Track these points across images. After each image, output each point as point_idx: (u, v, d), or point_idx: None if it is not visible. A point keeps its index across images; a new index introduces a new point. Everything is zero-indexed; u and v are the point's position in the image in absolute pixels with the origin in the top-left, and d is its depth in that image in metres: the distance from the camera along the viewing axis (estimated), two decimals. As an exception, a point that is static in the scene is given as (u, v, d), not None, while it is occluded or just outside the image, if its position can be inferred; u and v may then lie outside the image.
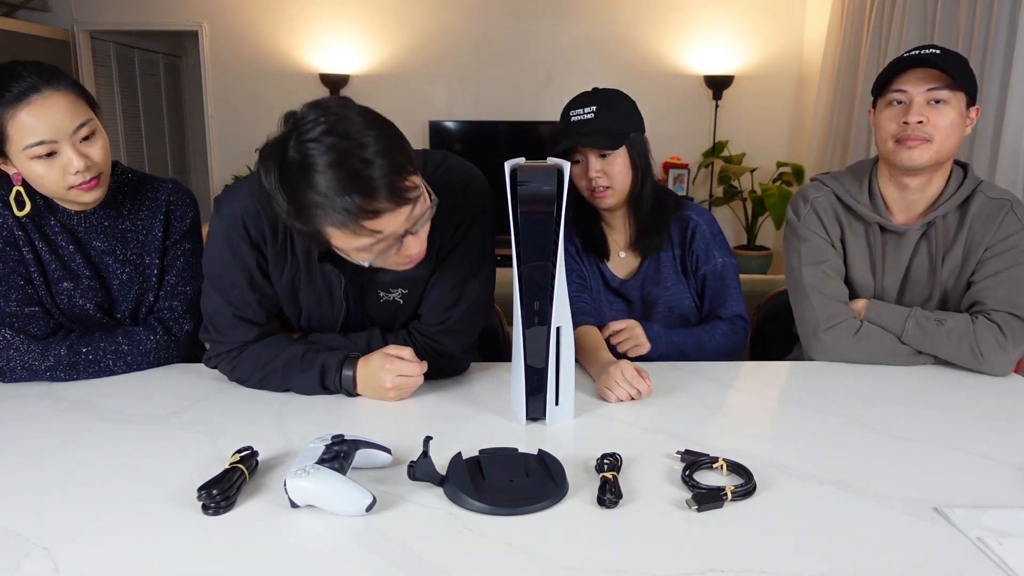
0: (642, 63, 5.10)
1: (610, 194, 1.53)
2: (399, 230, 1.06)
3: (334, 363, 1.26)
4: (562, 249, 1.12)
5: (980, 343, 1.39)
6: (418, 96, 5.22)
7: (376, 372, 1.24)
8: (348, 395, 1.27)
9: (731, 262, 1.61)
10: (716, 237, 1.61)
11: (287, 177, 1.01)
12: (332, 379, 1.25)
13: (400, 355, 1.24)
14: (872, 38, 3.91)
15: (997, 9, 2.97)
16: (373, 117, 1.05)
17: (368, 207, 1.00)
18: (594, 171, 1.50)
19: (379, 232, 1.04)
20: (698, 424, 1.19)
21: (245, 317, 1.28)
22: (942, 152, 1.41)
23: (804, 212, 1.56)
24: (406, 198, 1.03)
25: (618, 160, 1.51)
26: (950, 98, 1.38)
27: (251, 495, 0.94)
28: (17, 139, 1.22)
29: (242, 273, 1.26)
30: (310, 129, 1.00)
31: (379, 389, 1.24)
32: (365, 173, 0.99)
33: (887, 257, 1.51)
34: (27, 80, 1.21)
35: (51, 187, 1.27)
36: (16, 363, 1.32)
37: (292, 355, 1.27)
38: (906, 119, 1.40)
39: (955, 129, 1.40)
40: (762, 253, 4.99)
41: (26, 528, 0.86)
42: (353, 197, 0.99)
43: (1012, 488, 0.98)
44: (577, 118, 1.50)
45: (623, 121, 1.51)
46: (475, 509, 0.90)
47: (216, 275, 1.28)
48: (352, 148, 0.99)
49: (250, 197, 1.21)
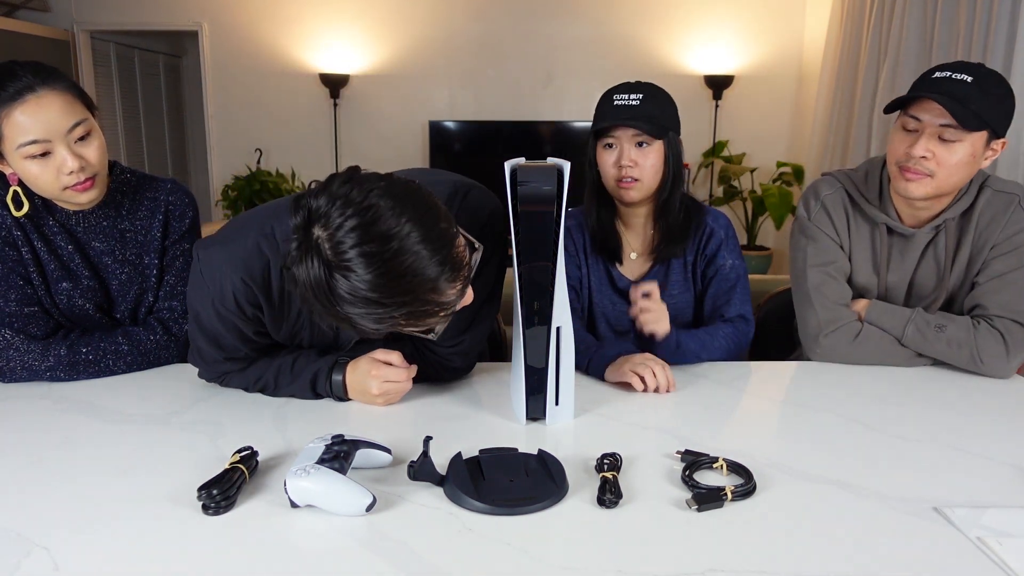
0: (642, 63, 5.10)
1: (636, 187, 1.48)
2: (457, 298, 1.00)
3: (324, 368, 1.25)
4: (562, 249, 1.11)
5: (981, 350, 1.38)
6: (418, 96, 5.22)
7: (363, 378, 1.22)
8: (339, 400, 1.26)
9: (740, 265, 1.57)
10: (729, 240, 1.57)
11: (335, 293, 0.91)
12: (323, 385, 1.25)
13: (388, 359, 1.23)
14: (872, 38, 3.91)
15: (997, 9, 2.96)
16: (401, 195, 0.93)
17: (434, 299, 0.94)
18: (627, 159, 1.45)
19: (446, 305, 0.97)
20: (698, 424, 1.19)
21: (235, 358, 1.25)
22: (943, 187, 1.36)
23: (815, 210, 1.53)
24: (461, 272, 0.96)
25: (653, 154, 1.46)
26: (964, 136, 1.31)
27: (251, 495, 0.94)
28: (12, 138, 1.22)
29: (232, 334, 1.19)
30: (342, 239, 0.89)
31: (367, 395, 1.23)
32: (419, 272, 0.91)
33: (892, 259, 1.50)
34: (23, 80, 1.21)
35: (46, 187, 1.27)
36: (16, 363, 1.32)
37: (283, 363, 1.26)
38: (912, 149, 1.35)
39: (962, 168, 1.34)
40: (762, 253, 4.99)
41: (26, 528, 0.86)
42: (417, 297, 0.92)
43: (1012, 488, 0.98)
44: (621, 102, 1.45)
45: (667, 117, 1.48)
46: (475, 509, 0.90)
47: (205, 326, 1.19)
48: (396, 254, 0.89)
49: (236, 273, 1.11)
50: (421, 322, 0.98)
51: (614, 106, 1.46)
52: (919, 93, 1.34)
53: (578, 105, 5.24)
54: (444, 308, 0.97)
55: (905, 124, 1.38)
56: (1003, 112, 1.33)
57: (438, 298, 0.94)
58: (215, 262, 1.13)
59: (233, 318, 1.16)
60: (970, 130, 1.30)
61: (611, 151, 1.48)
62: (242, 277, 1.12)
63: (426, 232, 0.91)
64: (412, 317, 0.95)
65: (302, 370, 1.25)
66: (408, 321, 0.96)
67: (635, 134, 1.45)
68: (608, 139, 1.48)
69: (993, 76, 1.33)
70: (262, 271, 1.12)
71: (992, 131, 1.33)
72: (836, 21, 4.38)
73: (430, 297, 0.93)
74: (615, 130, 1.46)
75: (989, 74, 1.33)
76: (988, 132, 1.33)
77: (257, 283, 1.13)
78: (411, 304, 0.92)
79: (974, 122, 1.29)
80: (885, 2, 3.82)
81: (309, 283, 0.92)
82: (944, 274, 1.46)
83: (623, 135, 1.46)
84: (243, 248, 1.12)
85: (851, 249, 1.53)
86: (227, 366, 1.27)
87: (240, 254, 1.11)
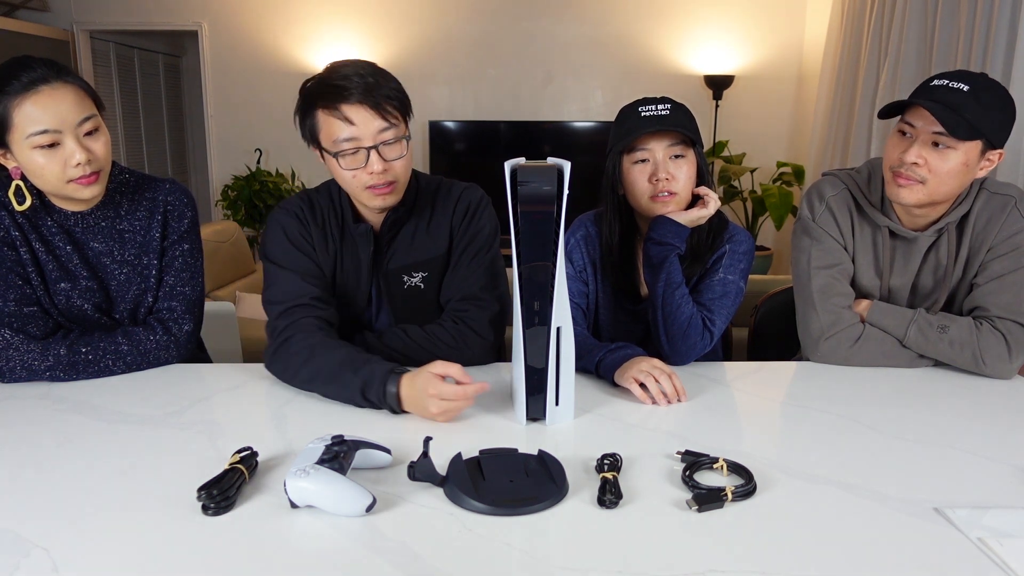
0: (642, 63, 5.10)
1: (674, 201, 1.42)
2: (368, 138, 1.26)
3: (379, 374, 1.20)
4: (562, 249, 1.11)
5: (983, 352, 1.38)
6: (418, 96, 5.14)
7: (421, 396, 1.16)
8: (393, 412, 1.20)
9: (735, 283, 1.48)
10: (736, 256, 1.49)
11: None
12: (376, 393, 1.19)
13: (448, 372, 1.16)
14: (872, 38, 3.91)
15: (997, 9, 2.96)
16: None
17: (344, 96, 1.25)
18: (664, 171, 1.40)
19: (351, 123, 1.25)
20: (698, 424, 1.19)
21: (309, 280, 1.36)
22: (936, 195, 1.36)
23: (820, 211, 1.52)
24: (380, 111, 1.26)
25: (686, 166, 1.42)
26: (957, 145, 1.31)
27: (251, 495, 0.94)
28: (22, 127, 1.23)
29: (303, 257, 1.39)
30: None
31: (426, 412, 1.17)
32: (350, 77, 1.26)
33: (896, 262, 1.50)
34: (37, 71, 1.23)
35: (50, 179, 1.27)
36: (16, 363, 1.32)
37: (341, 358, 1.23)
38: (904, 155, 1.35)
39: (954, 176, 1.33)
40: (762, 253, 4.98)
41: (26, 528, 0.86)
42: (334, 88, 1.26)
43: (1012, 488, 0.98)
44: (649, 113, 1.41)
45: (694, 129, 1.43)
46: (475, 509, 0.90)
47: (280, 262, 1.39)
48: (345, 64, 1.28)
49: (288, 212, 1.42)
50: (337, 136, 1.27)
51: (643, 118, 1.41)
52: (913, 100, 1.34)
53: (578, 105, 5.23)
54: (353, 132, 1.26)
55: (902, 129, 1.38)
56: (998, 123, 1.32)
57: (346, 103, 1.25)
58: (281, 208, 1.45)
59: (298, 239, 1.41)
60: (961, 139, 1.30)
61: (644, 166, 1.43)
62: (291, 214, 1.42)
63: (372, 72, 1.28)
64: (327, 114, 1.27)
65: (357, 370, 1.21)
66: (327, 115, 1.27)
67: (670, 144, 1.41)
68: (640, 153, 1.42)
69: (992, 87, 1.32)
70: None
71: (987, 141, 1.32)
72: (836, 21, 4.38)
73: (344, 99, 1.25)
74: (648, 142, 1.41)
75: (988, 85, 1.32)
76: (983, 142, 1.33)
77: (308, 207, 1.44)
78: (333, 99, 1.26)
79: (965, 131, 1.29)
80: (885, 2, 3.82)
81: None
82: (946, 277, 1.47)
83: (657, 147, 1.41)
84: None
85: (855, 251, 1.52)
86: (301, 288, 1.35)
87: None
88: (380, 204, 1.34)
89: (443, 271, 1.45)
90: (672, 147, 1.42)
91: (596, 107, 5.21)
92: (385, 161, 1.29)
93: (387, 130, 1.28)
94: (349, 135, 1.26)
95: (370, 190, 1.31)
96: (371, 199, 1.32)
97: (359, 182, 1.30)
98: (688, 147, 1.43)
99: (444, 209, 1.44)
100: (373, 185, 1.30)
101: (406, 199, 1.40)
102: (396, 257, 1.43)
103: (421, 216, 1.43)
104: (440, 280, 1.45)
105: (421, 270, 1.43)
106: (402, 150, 1.31)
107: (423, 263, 1.43)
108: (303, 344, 1.28)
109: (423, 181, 1.46)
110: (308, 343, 1.28)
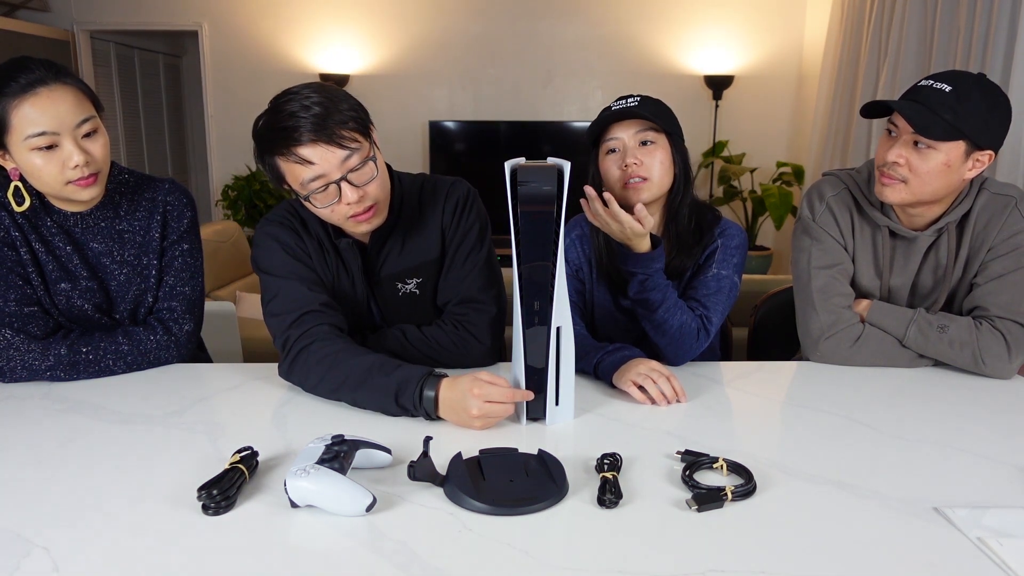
0: (642, 63, 5.10)
1: (646, 187, 1.41)
2: (334, 172, 1.20)
3: (414, 378, 1.16)
4: (562, 249, 1.11)
5: (983, 351, 1.38)
6: (418, 96, 5.22)
7: (463, 397, 1.12)
8: (428, 418, 1.16)
9: (729, 278, 1.47)
10: (728, 251, 1.48)
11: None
12: (410, 397, 1.15)
13: (492, 380, 1.14)
14: (872, 38, 3.91)
15: (997, 9, 2.96)
16: (326, 87, 1.23)
17: (295, 138, 1.18)
18: (633, 157, 1.40)
19: (311, 163, 1.19)
20: (698, 424, 1.19)
21: (314, 288, 1.33)
22: (920, 194, 1.36)
23: (820, 211, 1.52)
24: (337, 141, 1.18)
25: (659, 152, 1.42)
26: (937, 145, 1.31)
27: (251, 495, 0.94)
28: (19, 129, 1.22)
29: (299, 265, 1.36)
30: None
31: (464, 414, 1.13)
32: (296, 115, 1.18)
33: (895, 261, 1.50)
34: (35, 72, 1.23)
35: (48, 180, 1.27)
36: (16, 363, 1.32)
37: (370, 363, 1.20)
38: (887, 154, 1.36)
39: (936, 176, 1.33)
40: (762, 253, 4.99)
41: (26, 528, 0.86)
42: (282, 132, 1.18)
43: (1012, 488, 0.98)
44: (618, 106, 1.43)
45: (667, 120, 1.44)
46: (475, 509, 0.90)
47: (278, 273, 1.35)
48: (290, 98, 1.20)
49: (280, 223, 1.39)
50: (302, 178, 1.21)
51: (612, 111, 1.44)
52: (887, 100, 1.35)
53: (578, 105, 5.24)
54: (317, 172, 1.19)
55: (888, 129, 1.40)
56: (983, 123, 1.30)
57: (300, 145, 1.18)
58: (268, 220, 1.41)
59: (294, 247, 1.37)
60: (936, 139, 1.30)
61: (615, 155, 1.44)
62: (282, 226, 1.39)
63: (324, 100, 1.19)
64: (284, 159, 1.20)
65: (389, 373, 1.18)
66: (286, 161, 1.21)
67: (638, 131, 1.42)
68: (611, 143, 1.44)
69: (981, 87, 1.31)
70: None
71: (971, 142, 1.32)
72: (836, 21, 4.38)
73: (297, 138, 1.18)
74: (616, 130, 1.43)
75: (976, 86, 1.31)
76: (966, 143, 1.32)
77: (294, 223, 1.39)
78: (287, 144, 1.19)
79: (941, 131, 1.29)
80: (885, 2, 3.82)
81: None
82: (946, 276, 1.47)
83: (625, 135, 1.43)
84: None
85: (855, 251, 1.52)
86: (307, 297, 1.31)
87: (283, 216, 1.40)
88: (367, 228, 1.30)
89: (438, 274, 1.43)
90: (640, 133, 1.42)
91: (596, 107, 5.16)
92: (358, 187, 1.23)
93: (350, 157, 1.20)
94: (312, 175, 1.20)
95: (353, 219, 1.26)
96: (356, 226, 1.29)
97: (339, 215, 1.25)
98: (659, 134, 1.43)
99: (432, 210, 1.41)
100: (354, 214, 1.25)
101: (391, 207, 1.35)
102: (387, 266, 1.40)
103: (409, 221, 1.40)
104: (436, 283, 1.43)
105: (415, 276, 1.41)
106: (372, 171, 1.24)
107: (416, 268, 1.40)
108: (325, 351, 1.24)
109: (406, 184, 1.41)
110: (331, 349, 1.24)
